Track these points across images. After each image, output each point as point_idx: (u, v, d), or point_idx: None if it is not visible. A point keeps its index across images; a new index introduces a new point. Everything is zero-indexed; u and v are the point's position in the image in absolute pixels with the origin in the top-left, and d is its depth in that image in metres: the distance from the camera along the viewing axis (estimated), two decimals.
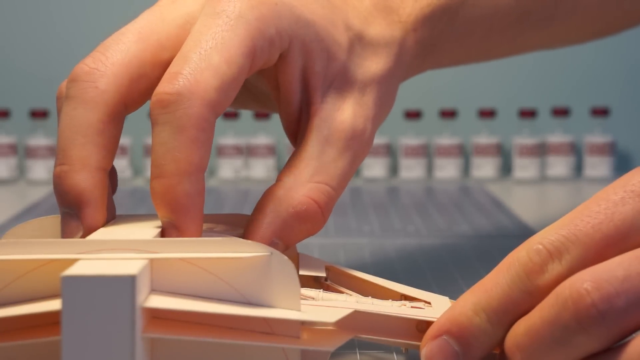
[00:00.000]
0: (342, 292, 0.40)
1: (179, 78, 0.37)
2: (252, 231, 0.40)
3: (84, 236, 0.38)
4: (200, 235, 0.37)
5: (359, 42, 0.45)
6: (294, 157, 0.42)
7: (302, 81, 0.42)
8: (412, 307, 0.38)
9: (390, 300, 0.39)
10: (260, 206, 0.41)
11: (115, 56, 0.39)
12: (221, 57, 0.38)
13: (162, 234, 0.37)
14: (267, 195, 0.41)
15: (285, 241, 0.40)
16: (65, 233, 0.38)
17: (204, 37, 0.38)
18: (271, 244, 0.39)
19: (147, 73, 0.39)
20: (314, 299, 0.38)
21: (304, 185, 0.41)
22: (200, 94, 0.37)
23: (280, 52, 0.41)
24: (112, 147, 0.39)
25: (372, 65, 0.45)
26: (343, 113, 0.43)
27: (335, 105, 0.43)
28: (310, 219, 0.41)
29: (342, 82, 0.43)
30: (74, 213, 0.38)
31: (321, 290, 0.38)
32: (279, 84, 0.43)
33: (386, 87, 0.45)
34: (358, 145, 0.43)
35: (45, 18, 1.22)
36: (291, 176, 0.41)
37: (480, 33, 0.52)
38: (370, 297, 0.39)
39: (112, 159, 0.39)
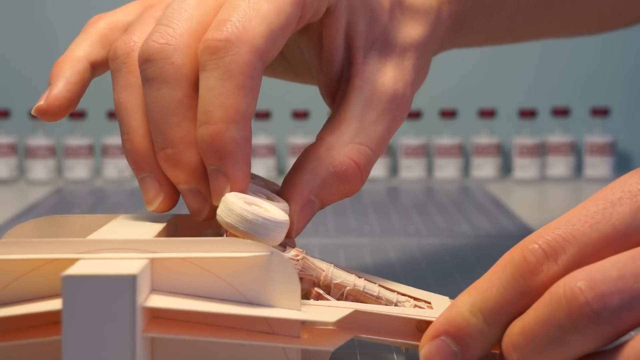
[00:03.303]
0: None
1: (227, 25, 0.37)
2: (290, 187, 0.40)
3: (212, 209, 0.38)
4: (247, 183, 0.37)
5: (399, 6, 0.45)
6: (334, 117, 0.42)
7: (345, 39, 0.42)
8: (415, 305, 0.38)
9: (395, 293, 0.39)
10: (299, 163, 0.40)
11: (181, 26, 0.38)
12: (270, 5, 0.38)
13: (210, 181, 0.37)
14: (307, 153, 0.41)
15: (322, 200, 0.40)
16: (192, 208, 0.38)
17: None
18: (308, 202, 0.39)
19: None
20: (323, 271, 0.38)
21: (345, 145, 0.41)
22: (248, 41, 0.37)
23: (327, 5, 0.41)
24: None
25: (412, 30, 0.45)
26: (384, 75, 0.43)
27: (377, 67, 0.43)
28: (350, 180, 0.40)
29: (383, 44, 0.43)
30: (195, 188, 0.38)
31: (332, 265, 0.38)
32: (323, 41, 0.42)
33: (423, 54, 0.45)
34: (397, 109, 0.43)
35: (45, 18, 1.22)
36: (332, 136, 0.41)
37: (507, 12, 0.52)
38: (377, 284, 0.39)
39: None
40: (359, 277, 0.39)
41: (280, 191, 0.40)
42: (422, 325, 0.36)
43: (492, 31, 0.54)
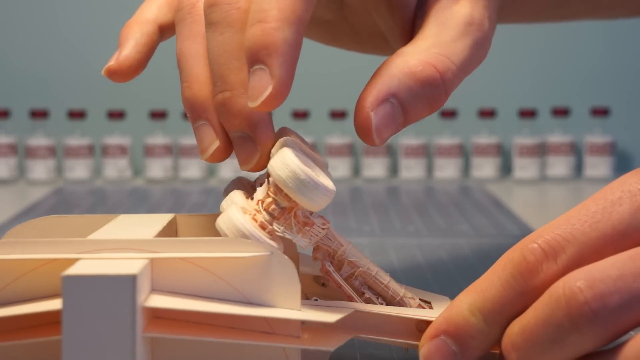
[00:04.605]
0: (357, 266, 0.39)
1: None
2: (363, 93, 0.38)
3: (261, 158, 0.37)
4: (288, 91, 0.36)
5: None
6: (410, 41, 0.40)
7: None
8: (419, 305, 0.38)
9: (404, 289, 0.39)
10: (374, 73, 0.39)
11: None
12: None
13: (252, 81, 0.35)
14: (383, 63, 0.39)
15: (401, 102, 0.38)
16: (242, 156, 0.38)
17: None
18: (385, 102, 0.37)
19: None
20: (342, 246, 0.37)
21: (421, 52, 0.38)
22: None
23: None
24: None
25: None
26: (459, 4, 0.41)
27: (452, 1, 0.41)
28: (429, 84, 0.38)
29: None
30: (246, 136, 0.37)
31: (351, 243, 0.38)
32: None
33: (491, 2, 0.43)
34: (477, 33, 0.40)
35: (45, 18, 1.22)
36: (407, 47, 0.39)
37: None
38: (388, 275, 0.39)
39: None
40: (375, 265, 0.38)
41: (355, 106, 0.38)
42: (422, 325, 0.36)
43: (545, 3, 0.52)
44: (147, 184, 1.10)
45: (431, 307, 0.38)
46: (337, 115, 1.16)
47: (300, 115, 1.14)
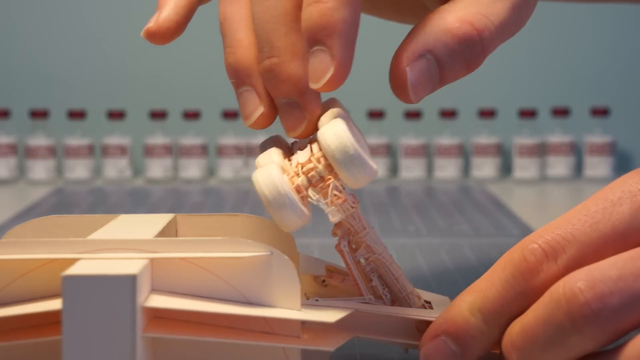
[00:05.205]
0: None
1: None
2: (399, 49, 0.37)
3: (307, 126, 0.37)
4: (349, 71, 0.35)
5: None
6: None
7: None
8: (422, 305, 0.38)
9: (412, 287, 0.38)
10: (410, 30, 0.38)
11: None
12: None
13: (312, 63, 0.35)
14: (419, 21, 0.38)
15: (438, 58, 0.37)
16: (289, 123, 0.37)
17: None
18: (421, 58, 0.37)
19: None
20: (365, 229, 0.37)
21: (459, 10, 0.37)
22: None
23: None
24: None
25: None
26: None
27: None
28: (466, 41, 0.37)
29: None
30: (294, 102, 0.37)
31: (373, 229, 0.38)
32: None
33: None
34: None
35: (45, 18, 1.22)
36: (445, 6, 0.38)
37: None
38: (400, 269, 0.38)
39: None
40: (391, 256, 0.38)
41: (391, 62, 0.37)
42: (422, 325, 0.36)
43: None
44: (147, 184, 1.10)
45: (431, 307, 0.38)
46: None
47: None
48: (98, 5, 1.22)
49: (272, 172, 0.35)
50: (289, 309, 0.34)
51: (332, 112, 0.37)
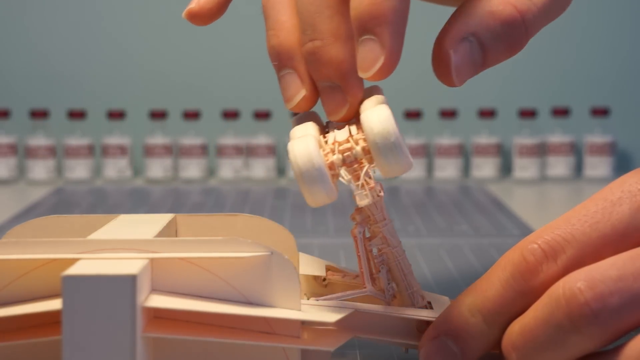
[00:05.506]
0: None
1: None
2: (443, 31, 0.37)
3: (349, 109, 0.37)
4: (398, 60, 0.35)
5: None
6: None
7: None
8: (425, 306, 0.38)
9: (419, 285, 0.38)
10: (452, 14, 0.38)
11: None
12: None
13: (361, 52, 0.35)
14: (461, 5, 0.38)
15: (480, 41, 0.37)
16: (331, 106, 0.37)
17: None
18: (464, 40, 0.36)
19: None
20: (384, 219, 0.37)
21: None
22: None
23: None
24: None
25: None
26: None
27: None
28: (509, 22, 0.37)
29: None
30: (336, 85, 0.37)
31: (392, 222, 0.38)
32: None
33: None
34: None
35: (45, 18, 1.22)
36: None
37: None
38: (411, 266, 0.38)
39: None
40: (404, 252, 0.38)
41: (433, 45, 0.37)
42: (422, 325, 0.36)
43: None
44: (147, 184, 1.10)
45: (431, 307, 0.38)
46: None
47: None
48: (98, 6, 1.22)
49: (309, 144, 0.35)
50: (289, 309, 0.34)
51: (376, 98, 0.37)
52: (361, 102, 0.37)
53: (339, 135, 0.36)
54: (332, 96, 0.37)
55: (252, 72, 1.20)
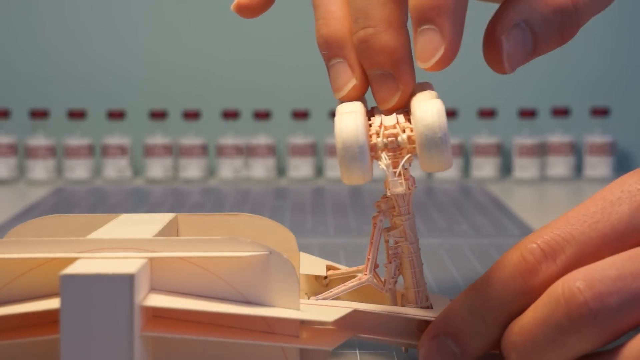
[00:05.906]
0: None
1: None
2: (496, 16, 0.37)
3: (401, 97, 0.37)
4: (457, 50, 0.35)
5: None
6: None
7: None
8: (426, 306, 0.38)
9: (426, 284, 0.38)
10: (503, 2, 0.38)
11: None
12: None
13: (420, 42, 0.35)
14: None
15: (532, 27, 0.37)
16: (382, 94, 0.37)
17: None
18: (516, 27, 0.37)
19: None
20: (408, 214, 0.37)
21: None
22: None
23: None
24: (406, 2, 0.36)
25: None
26: None
27: None
28: (561, 10, 0.37)
29: None
30: (388, 73, 0.36)
31: (414, 218, 0.38)
32: None
33: None
34: None
35: (45, 18, 1.22)
36: None
37: None
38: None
39: (407, 15, 0.37)
40: (420, 250, 0.38)
41: (485, 32, 0.37)
42: (422, 326, 0.36)
43: None
44: (147, 184, 1.10)
45: (431, 307, 0.38)
46: None
47: (301, 115, 1.14)
48: (98, 6, 1.22)
49: (358, 121, 0.35)
50: (288, 308, 0.34)
51: (431, 92, 0.36)
52: (412, 92, 0.37)
53: (386, 120, 0.36)
54: (384, 84, 0.37)
55: (252, 72, 1.20)
